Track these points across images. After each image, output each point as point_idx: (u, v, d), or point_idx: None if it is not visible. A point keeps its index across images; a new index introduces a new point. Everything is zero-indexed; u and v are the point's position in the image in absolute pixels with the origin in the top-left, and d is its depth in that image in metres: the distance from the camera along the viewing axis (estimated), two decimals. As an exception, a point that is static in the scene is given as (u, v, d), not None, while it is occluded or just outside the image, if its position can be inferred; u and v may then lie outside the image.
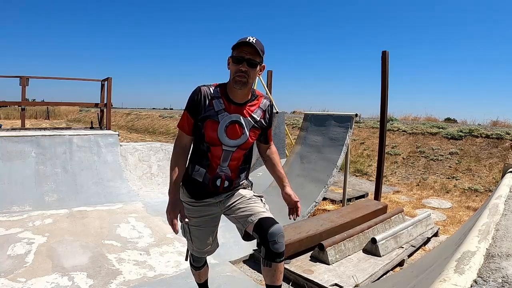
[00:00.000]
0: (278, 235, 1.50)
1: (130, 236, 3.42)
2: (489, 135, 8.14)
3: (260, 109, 1.67)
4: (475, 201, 5.97)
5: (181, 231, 1.83)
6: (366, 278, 2.64)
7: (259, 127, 1.68)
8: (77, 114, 28.44)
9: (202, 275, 2.04)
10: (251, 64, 1.53)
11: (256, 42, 1.52)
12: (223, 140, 1.59)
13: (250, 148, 1.72)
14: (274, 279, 1.55)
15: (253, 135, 1.67)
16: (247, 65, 1.52)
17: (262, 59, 1.57)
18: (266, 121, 1.71)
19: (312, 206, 4.01)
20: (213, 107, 1.58)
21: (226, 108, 1.59)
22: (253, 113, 1.65)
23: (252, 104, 1.66)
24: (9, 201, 4.07)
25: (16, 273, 2.51)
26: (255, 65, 1.55)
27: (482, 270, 1.01)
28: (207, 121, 1.58)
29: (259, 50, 1.52)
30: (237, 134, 1.61)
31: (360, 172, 8.25)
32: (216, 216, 1.79)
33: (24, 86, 5.93)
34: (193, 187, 1.69)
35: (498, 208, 1.76)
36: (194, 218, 1.73)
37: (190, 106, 1.61)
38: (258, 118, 1.66)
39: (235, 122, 1.60)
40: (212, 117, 1.58)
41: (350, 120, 4.48)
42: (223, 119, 1.58)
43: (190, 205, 1.72)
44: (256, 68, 1.57)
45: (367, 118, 11.94)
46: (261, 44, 1.56)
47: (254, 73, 1.56)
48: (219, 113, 1.58)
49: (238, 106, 1.61)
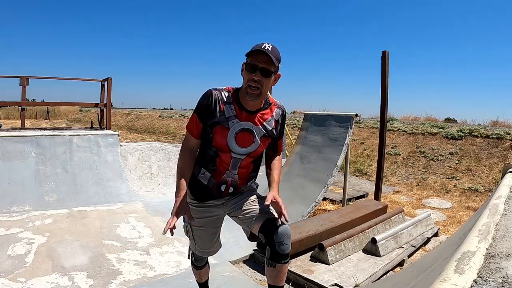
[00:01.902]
0: (284, 236, 1.49)
1: (130, 236, 3.42)
2: (489, 135, 8.14)
3: (273, 118, 1.62)
4: (475, 201, 5.97)
5: (183, 230, 1.84)
6: (366, 278, 2.64)
7: (269, 137, 1.63)
8: (77, 114, 28.43)
9: (203, 274, 2.03)
10: (265, 73, 1.45)
11: (272, 50, 1.44)
12: (232, 147, 1.55)
13: (260, 156, 1.68)
14: (277, 280, 1.55)
15: (264, 144, 1.62)
16: (261, 74, 1.45)
17: (277, 68, 1.49)
18: (278, 131, 1.66)
19: (312, 206, 4.00)
20: (224, 112, 1.53)
21: (237, 115, 1.53)
22: (265, 122, 1.59)
23: (265, 113, 1.60)
24: (9, 201, 4.07)
25: (16, 273, 2.51)
26: (270, 74, 1.47)
27: (482, 270, 1.01)
28: (217, 126, 1.53)
29: (273, 58, 1.43)
30: (247, 142, 1.56)
31: (360, 172, 8.25)
32: (219, 217, 1.77)
33: (24, 86, 5.93)
34: (196, 188, 1.67)
35: (498, 208, 1.76)
36: (196, 218, 1.72)
37: (199, 110, 1.55)
38: (270, 127, 1.61)
39: (245, 130, 1.55)
40: (222, 123, 1.52)
41: (350, 120, 4.48)
42: (233, 126, 1.53)
43: (192, 206, 1.71)
44: (271, 78, 1.49)
45: (367, 118, 11.94)
46: (277, 51, 1.47)
47: (268, 82, 1.48)
48: (229, 119, 1.53)
49: (249, 114, 1.55)
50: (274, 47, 1.46)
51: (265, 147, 1.65)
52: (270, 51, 1.43)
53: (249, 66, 1.46)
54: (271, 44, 1.47)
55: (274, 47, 1.46)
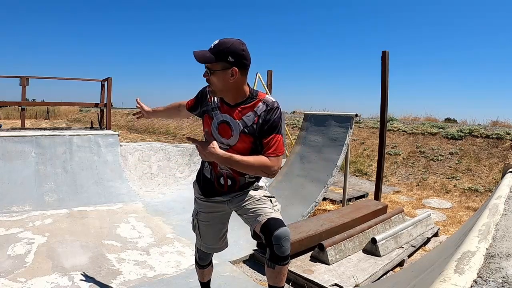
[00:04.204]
0: (283, 239, 1.48)
1: (130, 236, 3.42)
2: (489, 135, 8.13)
3: (253, 113, 1.56)
4: (475, 201, 5.97)
5: (191, 225, 1.89)
6: (366, 278, 2.64)
7: (249, 133, 1.56)
8: (77, 114, 28.41)
9: (205, 274, 2.04)
10: (208, 71, 1.51)
11: (213, 46, 1.45)
12: (216, 136, 1.62)
13: (246, 153, 1.59)
14: (277, 281, 1.55)
15: (243, 141, 1.57)
16: (208, 73, 1.51)
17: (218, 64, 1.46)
18: (259, 127, 1.55)
19: (312, 206, 4.00)
20: (211, 103, 1.65)
21: (220, 107, 1.62)
22: (244, 116, 1.56)
23: (245, 107, 1.57)
24: (9, 201, 4.07)
25: (16, 273, 2.51)
26: (211, 71, 1.49)
27: (482, 270, 1.01)
28: (205, 115, 1.67)
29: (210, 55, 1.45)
30: (227, 134, 1.60)
31: (360, 172, 8.25)
32: (225, 214, 1.81)
33: (24, 86, 5.93)
34: (203, 182, 1.75)
35: (498, 208, 1.76)
36: (203, 213, 1.79)
37: (197, 94, 1.74)
38: (249, 123, 1.56)
39: (224, 122, 1.60)
40: (208, 112, 1.65)
41: (350, 120, 4.48)
42: (216, 117, 1.62)
43: (200, 200, 1.79)
44: (218, 75, 1.48)
45: (367, 118, 11.93)
46: (219, 47, 1.44)
47: (217, 78, 1.49)
48: (213, 110, 1.64)
49: (229, 107, 1.60)
50: (218, 43, 1.46)
51: (246, 145, 1.58)
52: (212, 47, 1.45)
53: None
54: (220, 39, 1.47)
55: (218, 43, 1.46)
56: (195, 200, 1.85)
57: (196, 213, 1.83)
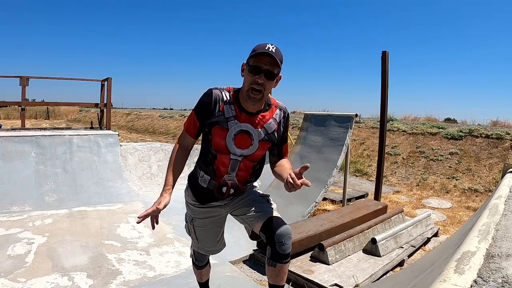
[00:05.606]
0: (285, 236, 1.48)
1: (130, 236, 3.42)
2: (489, 135, 8.13)
3: (274, 121, 1.56)
4: (475, 201, 5.97)
5: (185, 229, 1.85)
6: (366, 278, 2.64)
7: (269, 140, 1.57)
8: (77, 114, 28.41)
9: (203, 274, 2.04)
10: (269, 75, 1.41)
11: (276, 51, 1.40)
12: (230, 148, 1.52)
13: (260, 161, 1.64)
14: (277, 279, 1.55)
15: (262, 148, 1.57)
16: (265, 77, 1.41)
17: (280, 69, 1.45)
18: (280, 134, 1.59)
19: (312, 206, 4.00)
20: (223, 113, 1.50)
21: (237, 116, 1.50)
22: (265, 125, 1.55)
23: (265, 115, 1.55)
24: (9, 201, 4.07)
25: (16, 273, 2.51)
26: (273, 77, 1.43)
27: (482, 270, 1.01)
28: (216, 127, 1.50)
29: (278, 60, 1.39)
30: (245, 144, 1.53)
31: (360, 172, 8.25)
32: (222, 217, 1.77)
33: (24, 86, 5.94)
34: (198, 191, 1.66)
35: (498, 208, 1.76)
36: (199, 219, 1.72)
37: (198, 108, 1.53)
38: (270, 130, 1.56)
39: (244, 132, 1.51)
40: (221, 123, 1.50)
41: (350, 120, 4.48)
42: (233, 127, 1.50)
43: (195, 207, 1.70)
44: (274, 80, 1.45)
45: (367, 118, 11.93)
46: (280, 53, 1.42)
47: (270, 85, 1.45)
48: (229, 120, 1.49)
49: (249, 115, 1.51)
50: (277, 49, 1.42)
51: (264, 151, 1.59)
52: (275, 52, 1.39)
53: (252, 68, 1.41)
54: (275, 45, 1.42)
55: (277, 49, 1.42)
56: (187, 205, 1.76)
57: (190, 219, 1.76)
